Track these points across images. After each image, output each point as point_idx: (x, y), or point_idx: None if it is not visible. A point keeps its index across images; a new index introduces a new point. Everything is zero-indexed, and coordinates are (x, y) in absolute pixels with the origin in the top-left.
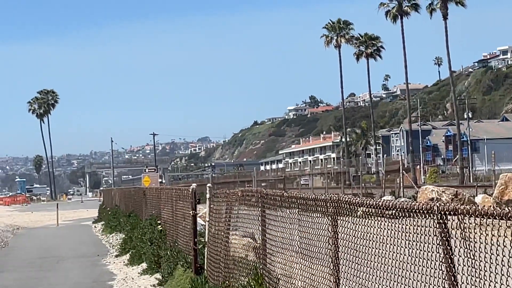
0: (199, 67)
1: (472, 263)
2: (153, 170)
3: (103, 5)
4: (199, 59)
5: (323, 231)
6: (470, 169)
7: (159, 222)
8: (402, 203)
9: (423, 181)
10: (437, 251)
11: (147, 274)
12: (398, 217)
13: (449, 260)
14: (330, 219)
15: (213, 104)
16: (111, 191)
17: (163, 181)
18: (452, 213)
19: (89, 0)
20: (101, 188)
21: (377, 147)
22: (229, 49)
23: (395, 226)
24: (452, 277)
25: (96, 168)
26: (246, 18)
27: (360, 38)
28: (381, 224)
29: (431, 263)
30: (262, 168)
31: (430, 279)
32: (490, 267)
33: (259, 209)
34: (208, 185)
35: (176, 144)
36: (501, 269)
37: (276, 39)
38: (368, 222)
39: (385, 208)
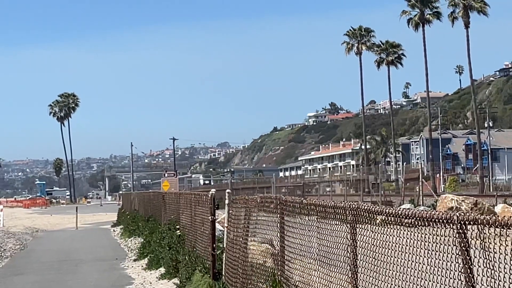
0: (220, 72)
1: (491, 273)
2: (173, 174)
3: (125, 9)
4: (221, 64)
5: (342, 239)
6: (490, 178)
7: (177, 227)
8: (422, 212)
9: (442, 190)
10: (456, 261)
11: (165, 279)
12: (417, 226)
13: (469, 271)
14: (348, 226)
15: (233, 110)
16: (130, 195)
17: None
18: (472, 223)
19: (111, 4)
20: (120, 192)
21: (397, 155)
22: (251, 54)
23: (414, 235)
24: (471, 287)
25: (116, 172)
26: (268, 24)
27: (381, 45)
28: (400, 232)
29: (450, 273)
30: (281, 174)
31: None
32: (510, 277)
33: (278, 215)
34: (227, 190)
35: (195, 149)
36: None
37: (297, 45)
38: (386, 230)
39: (404, 216)
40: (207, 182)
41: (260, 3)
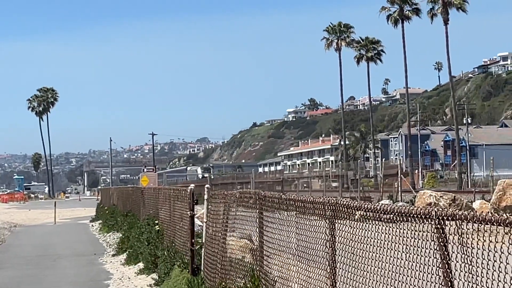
0: (199, 68)
1: (469, 269)
2: (152, 170)
3: (105, 4)
4: (199, 60)
5: (321, 234)
6: (468, 174)
7: (156, 222)
8: (400, 207)
9: (421, 186)
10: (435, 256)
11: (144, 274)
12: (395, 222)
13: (446, 266)
14: (327, 222)
15: (213, 105)
16: (109, 190)
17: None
18: (450, 218)
19: None
20: (99, 187)
21: (376, 151)
22: (230, 50)
23: (392, 230)
24: (449, 283)
25: (95, 167)
26: (247, 20)
27: (361, 41)
28: (378, 228)
29: (428, 268)
30: (260, 170)
31: (427, 284)
32: (487, 273)
33: (257, 211)
34: (206, 186)
35: (174, 144)
36: (498, 276)
37: (276, 41)
38: (365, 226)
39: (382, 212)
40: (206, 175)
41: None
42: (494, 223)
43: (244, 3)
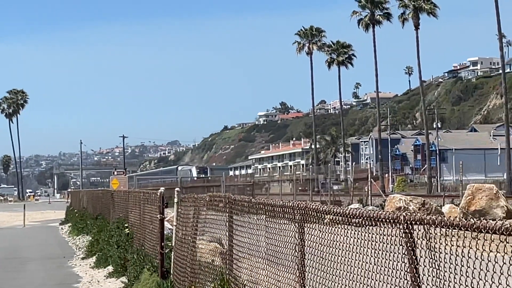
0: (170, 71)
1: (437, 273)
2: (122, 173)
3: (75, 5)
4: (170, 63)
5: (290, 238)
6: (438, 178)
7: (126, 225)
8: (369, 211)
9: (391, 190)
10: (403, 260)
11: (113, 277)
12: (365, 226)
13: (414, 270)
14: (297, 226)
15: (184, 108)
16: (79, 193)
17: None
18: (418, 222)
19: (59, 0)
20: (69, 190)
21: (346, 155)
22: (201, 53)
23: (361, 234)
24: (417, 287)
25: (65, 170)
26: (219, 23)
27: (332, 45)
28: (347, 232)
29: (396, 272)
30: (231, 173)
31: None
32: (454, 277)
33: (227, 214)
34: (176, 189)
35: (145, 147)
36: (465, 280)
37: (248, 45)
38: (335, 229)
39: (352, 216)
40: (202, 176)
41: (211, 2)
42: (462, 227)
43: (216, 6)
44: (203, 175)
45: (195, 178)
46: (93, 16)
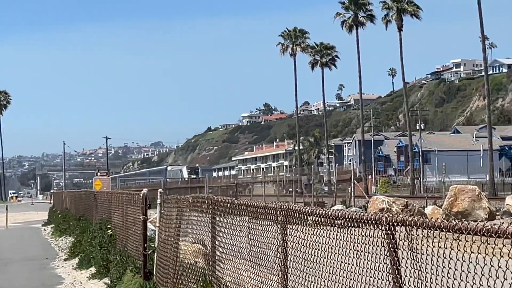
0: (154, 72)
1: (419, 274)
2: (105, 174)
3: (57, 7)
4: (154, 64)
5: (273, 239)
6: (421, 180)
7: (109, 226)
8: (352, 213)
9: (374, 191)
10: (385, 261)
11: (96, 279)
12: (347, 227)
13: (396, 271)
14: (279, 227)
15: (167, 109)
16: (61, 194)
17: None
18: (400, 224)
19: (41, 2)
20: (52, 191)
21: (330, 156)
22: (185, 55)
23: (344, 236)
24: None
25: (48, 171)
26: (203, 25)
27: (316, 47)
28: (330, 233)
29: (378, 273)
30: (214, 174)
31: None
32: (436, 279)
33: (210, 215)
34: (160, 190)
35: (129, 148)
36: (447, 281)
37: (231, 46)
38: (317, 231)
39: (334, 217)
40: (193, 176)
41: (195, 3)
42: (444, 229)
43: (200, 9)
44: (195, 176)
45: (186, 179)
46: (76, 17)
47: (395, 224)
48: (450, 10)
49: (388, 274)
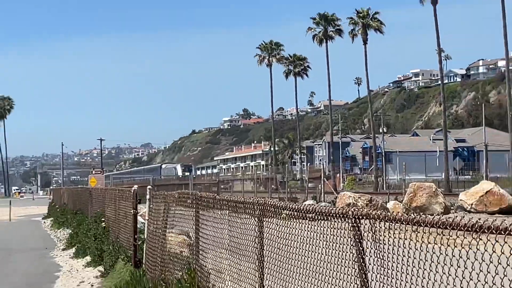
0: (144, 79)
1: (381, 262)
2: (99, 172)
3: (55, 20)
4: (144, 72)
5: (250, 231)
6: (384, 178)
7: (103, 219)
8: (322, 207)
9: (342, 188)
10: (351, 251)
11: (91, 267)
12: (317, 220)
13: (361, 260)
14: (256, 220)
15: (156, 113)
16: (60, 190)
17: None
18: (365, 217)
19: (42, 11)
20: (51, 187)
21: (302, 156)
22: (172, 64)
23: (315, 228)
24: (363, 275)
25: (47, 169)
26: (187, 37)
27: (290, 58)
28: (302, 226)
29: (345, 261)
30: (198, 172)
31: (344, 276)
32: (397, 266)
33: (194, 210)
34: (149, 187)
35: (121, 148)
36: (407, 269)
37: (214, 56)
38: (290, 224)
39: (306, 212)
40: (187, 174)
41: (181, 18)
42: (404, 222)
43: (185, 22)
44: (189, 173)
45: (180, 176)
46: (73, 29)
47: (360, 217)
48: (410, 24)
49: (354, 262)
